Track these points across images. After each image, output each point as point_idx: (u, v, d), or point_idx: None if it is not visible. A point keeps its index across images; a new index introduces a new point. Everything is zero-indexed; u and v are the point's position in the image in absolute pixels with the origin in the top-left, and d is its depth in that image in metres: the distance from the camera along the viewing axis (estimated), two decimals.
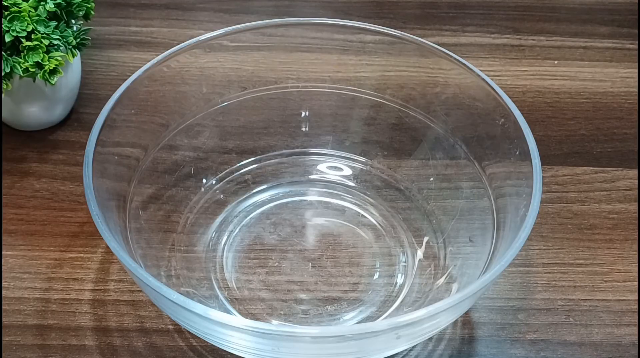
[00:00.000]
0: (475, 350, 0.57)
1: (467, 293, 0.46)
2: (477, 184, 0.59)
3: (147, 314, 0.58)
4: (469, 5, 0.87)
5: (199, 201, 0.64)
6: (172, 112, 0.63)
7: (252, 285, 0.60)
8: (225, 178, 0.66)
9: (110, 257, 0.62)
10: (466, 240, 0.60)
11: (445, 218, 0.62)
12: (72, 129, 0.72)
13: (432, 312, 0.46)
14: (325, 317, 0.58)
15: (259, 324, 0.46)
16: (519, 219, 0.51)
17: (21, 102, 0.68)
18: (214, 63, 0.64)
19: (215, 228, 0.63)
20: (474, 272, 0.55)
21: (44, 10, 0.63)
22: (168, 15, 0.85)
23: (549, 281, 0.61)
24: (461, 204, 0.61)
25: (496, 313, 0.59)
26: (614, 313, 0.59)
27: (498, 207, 0.57)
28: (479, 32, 0.84)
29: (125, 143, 0.59)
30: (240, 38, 0.63)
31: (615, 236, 0.64)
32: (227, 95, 0.65)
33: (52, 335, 0.57)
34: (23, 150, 0.70)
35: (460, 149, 0.61)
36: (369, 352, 0.50)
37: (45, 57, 0.62)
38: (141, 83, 0.59)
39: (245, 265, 0.61)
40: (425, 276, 0.60)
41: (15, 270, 0.61)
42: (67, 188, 0.67)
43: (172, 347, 0.57)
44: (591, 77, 0.79)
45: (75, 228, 0.64)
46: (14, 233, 0.63)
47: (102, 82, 0.76)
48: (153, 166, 0.61)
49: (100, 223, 0.50)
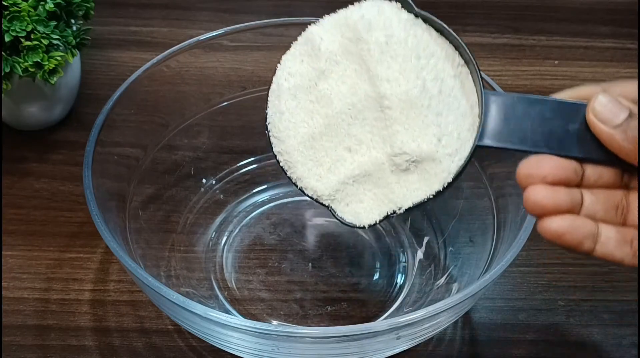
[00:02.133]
0: (475, 351, 0.57)
1: (468, 293, 0.46)
2: (477, 184, 0.59)
3: (146, 314, 0.58)
4: (469, 5, 0.87)
5: (198, 201, 0.64)
6: (172, 112, 0.63)
7: (252, 285, 0.60)
8: (225, 178, 0.66)
9: (110, 257, 0.62)
10: (466, 240, 0.59)
11: (445, 218, 0.62)
12: (72, 129, 0.72)
13: (432, 312, 0.46)
14: (325, 316, 0.58)
15: (258, 324, 0.46)
16: (520, 219, 0.51)
17: (21, 102, 0.68)
18: (213, 63, 0.64)
19: (215, 228, 0.63)
20: (474, 272, 0.55)
21: (43, 10, 0.63)
22: (168, 15, 0.85)
23: (550, 281, 0.61)
24: (461, 204, 0.61)
25: (496, 314, 0.59)
26: (614, 314, 0.59)
27: (498, 207, 0.57)
28: (480, 32, 0.84)
29: (125, 143, 0.59)
30: (240, 38, 0.63)
31: None
32: (227, 95, 0.65)
33: (52, 335, 0.57)
34: (23, 150, 0.70)
35: None
36: (369, 352, 0.50)
37: (45, 57, 0.62)
38: (141, 83, 0.59)
39: (245, 265, 0.61)
40: (425, 276, 0.60)
41: (15, 270, 0.61)
42: (67, 188, 0.67)
43: (172, 347, 0.57)
44: (591, 77, 0.79)
45: (75, 228, 0.64)
46: (13, 233, 0.63)
47: (102, 82, 0.76)
48: (153, 166, 0.61)
49: (99, 223, 0.50)
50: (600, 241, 0.40)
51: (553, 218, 0.40)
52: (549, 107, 0.42)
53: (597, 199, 0.41)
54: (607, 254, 0.41)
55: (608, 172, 0.42)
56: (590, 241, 0.40)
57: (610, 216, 0.42)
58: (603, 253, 0.41)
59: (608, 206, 0.42)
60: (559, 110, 0.42)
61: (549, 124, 0.42)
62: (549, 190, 0.40)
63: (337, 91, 0.47)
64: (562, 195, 0.40)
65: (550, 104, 0.42)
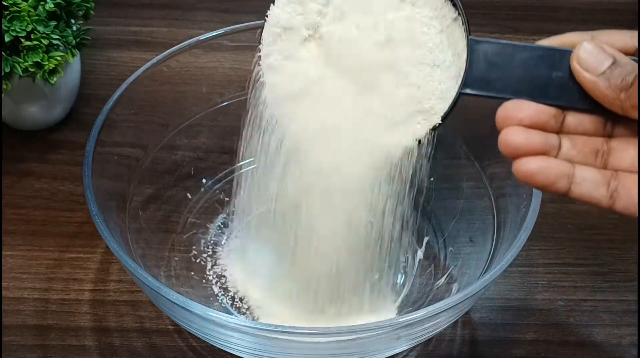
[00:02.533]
0: (475, 351, 0.57)
1: (468, 293, 0.46)
2: (477, 184, 0.59)
3: (146, 314, 0.58)
4: (469, 5, 0.87)
5: (198, 201, 0.64)
6: (172, 112, 0.63)
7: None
8: (225, 178, 0.66)
9: (110, 257, 0.62)
10: (466, 240, 0.59)
11: (445, 218, 0.62)
12: (72, 129, 0.72)
13: (432, 312, 0.46)
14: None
15: (259, 324, 0.46)
16: (520, 219, 0.51)
17: (21, 102, 0.68)
18: (213, 63, 0.64)
19: (215, 228, 0.63)
20: (474, 272, 0.55)
21: (43, 10, 0.63)
22: (168, 15, 0.85)
23: (550, 281, 0.61)
24: (461, 204, 0.61)
25: (497, 314, 0.59)
26: (614, 314, 0.59)
27: (498, 207, 0.57)
28: (480, 32, 0.83)
29: (125, 143, 0.59)
30: (240, 38, 0.63)
31: (615, 237, 0.64)
32: (227, 95, 0.65)
33: (52, 335, 0.57)
34: (23, 150, 0.70)
35: (460, 149, 0.61)
36: (369, 352, 0.50)
37: (45, 57, 0.62)
38: (141, 83, 0.59)
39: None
40: (425, 276, 0.60)
41: (15, 270, 0.61)
42: (67, 188, 0.67)
43: (172, 347, 0.57)
44: None
45: (75, 228, 0.64)
46: (13, 233, 0.63)
47: (102, 82, 0.76)
48: (153, 166, 0.61)
49: (99, 223, 0.50)
50: (575, 182, 0.41)
51: (526, 159, 0.40)
52: (534, 54, 0.42)
53: (575, 144, 0.42)
54: (583, 195, 0.41)
55: (589, 119, 0.42)
56: (564, 182, 0.40)
57: (589, 160, 0.42)
58: (579, 194, 0.41)
59: (587, 151, 0.42)
60: (543, 57, 0.42)
61: (533, 71, 0.42)
62: (523, 132, 0.41)
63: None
64: (535, 137, 0.41)
65: (536, 51, 0.42)
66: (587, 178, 0.41)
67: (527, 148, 0.40)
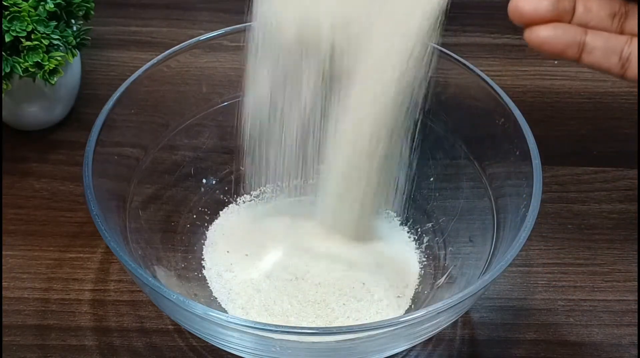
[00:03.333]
0: (475, 351, 0.57)
1: (467, 293, 0.46)
2: (477, 184, 0.59)
3: (147, 314, 0.58)
4: (469, 5, 0.87)
5: (199, 201, 0.64)
6: (172, 112, 0.63)
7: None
8: (225, 178, 0.66)
9: (110, 257, 0.62)
10: (466, 240, 0.59)
11: (445, 218, 0.62)
12: (72, 129, 0.72)
13: (432, 312, 0.46)
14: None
15: (259, 324, 0.46)
16: (519, 219, 0.51)
17: (21, 102, 0.68)
18: (213, 63, 0.64)
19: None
20: (474, 272, 0.55)
21: (43, 10, 0.63)
22: (168, 15, 0.85)
23: (549, 281, 0.61)
24: (461, 204, 0.61)
25: (496, 313, 0.59)
26: (614, 314, 0.59)
27: (498, 207, 0.57)
28: (480, 32, 0.84)
29: (125, 143, 0.59)
30: (240, 38, 0.63)
31: (615, 237, 0.64)
32: (227, 95, 0.65)
33: (52, 335, 0.57)
34: (23, 150, 0.70)
35: (460, 149, 0.61)
36: (369, 351, 0.50)
37: (45, 57, 0.62)
38: (141, 83, 0.59)
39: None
40: (425, 276, 0.60)
41: (15, 270, 0.61)
42: (67, 188, 0.67)
43: (172, 347, 0.57)
44: (591, 77, 0.79)
45: (75, 228, 0.64)
46: (13, 233, 0.63)
47: (102, 82, 0.76)
48: (153, 166, 0.61)
49: (100, 223, 0.50)
50: (586, 50, 0.40)
51: (536, 27, 0.40)
52: None
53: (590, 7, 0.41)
54: (593, 63, 0.41)
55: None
56: (573, 50, 0.40)
57: (605, 24, 0.41)
58: (590, 62, 0.41)
59: (602, 14, 0.41)
60: None
61: None
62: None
63: None
64: (544, 3, 0.40)
65: None
66: (598, 47, 0.40)
67: (537, 15, 0.40)
